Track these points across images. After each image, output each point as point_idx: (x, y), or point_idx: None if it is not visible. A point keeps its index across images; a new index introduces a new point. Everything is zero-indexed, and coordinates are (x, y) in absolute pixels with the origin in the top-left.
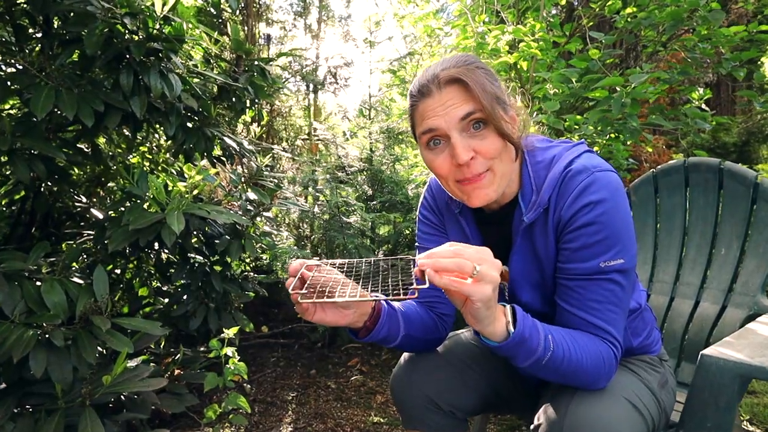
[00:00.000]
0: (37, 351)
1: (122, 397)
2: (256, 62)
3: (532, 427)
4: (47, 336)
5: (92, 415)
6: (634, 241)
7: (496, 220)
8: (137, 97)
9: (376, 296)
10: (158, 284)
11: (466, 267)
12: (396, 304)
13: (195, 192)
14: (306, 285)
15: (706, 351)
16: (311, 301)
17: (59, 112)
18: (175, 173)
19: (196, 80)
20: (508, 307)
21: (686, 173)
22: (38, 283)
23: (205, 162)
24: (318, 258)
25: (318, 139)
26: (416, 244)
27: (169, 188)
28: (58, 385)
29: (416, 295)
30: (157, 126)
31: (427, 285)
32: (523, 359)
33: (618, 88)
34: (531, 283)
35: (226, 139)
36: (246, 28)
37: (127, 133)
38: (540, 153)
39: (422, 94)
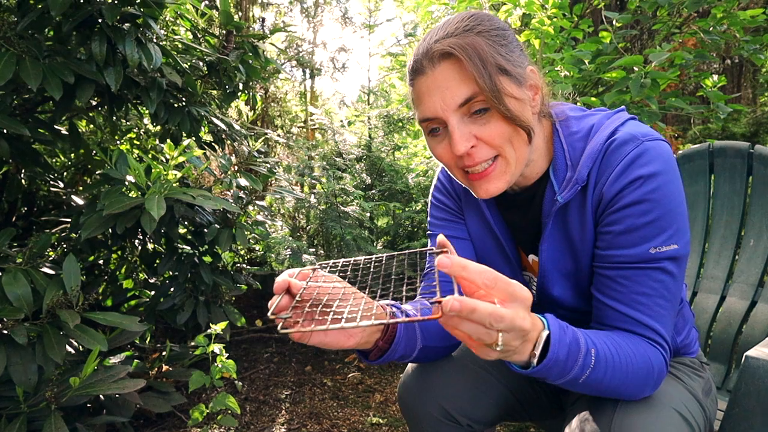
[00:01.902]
0: None
1: (101, 397)
2: (247, 39)
3: None
4: (8, 333)
5: (58, 420)
6: (687, 222)
7: (521, 201)
8: (112, 69)
9: (383, 321)
10: (145, 276)
11: (485, 339)
12: (411, 309)
13: (179, 174)
14: (295, 300)
15: (751, 352)
16: (294, 331)
17: (30, 88)
18: (165, 161)
19: (182, 56)
20: (544, 332)
21: (711, 158)
22: (0, 274)
23: (189, 143)
24: (314, 251)
25: (314, 126)
26: (428, 231)
27: (153, 172)
28: (20, 387)
29: (440, 314)
30: (138, 103)
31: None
32: (555, 378)
33: (636, 69)
34: (563, 273)
35: (214, 119)
36: (240, 12)
37: (113, 117)
38: (575, 122)
39: (416, 71)
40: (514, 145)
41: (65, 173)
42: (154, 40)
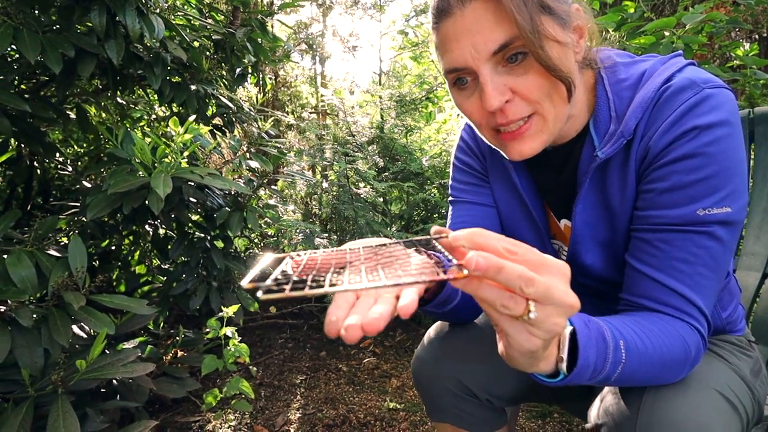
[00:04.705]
0: (1, 332)
1: (114, 382)
2: (255, 15)
3: (587, 426)
4: (13, 315)
5: (65, 404)
6: (746, 184)
7: (556, 159)
8: (113, 41)
9: (379, 284)
10: (158, 262)
11: (512, 308)
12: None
13: (186, 153)
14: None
15: None
16: (277, 296)
17: (31, 65)
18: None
19: (187, 33)
20: (567, 329)
21: (751, 126)
22: (4, 256)
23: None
24: (327, 235)
25: (325, 107)
26: (449, 197)
27: (159, 149)
28: (26, 370)
29: (464, 275)
30: (143, 83)
31: (463, 273)
32: (585, 380)
33: (666, 33)
34: (597, 239)
35: (222, 98)
36: None
37: (121, 101)
38: (623, 69)
39: (441, 12)
40: (554, 101)
41: (79, 162)
42: (157, 11)
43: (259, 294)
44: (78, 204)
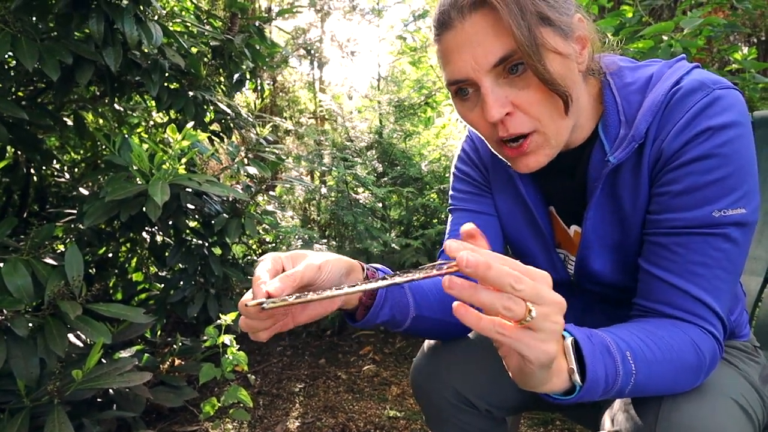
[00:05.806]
0: None
1: (111, 392)
2: (252, 21)
3: None
4: (8, 324)
5: (61, 414)
6: (758, 185)
7: (561, 167)
8: (111, 48)
9: (384, 283)
10: (155, 270)
11: (513, 309)
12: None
13: (184, 160)
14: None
15: None
16: (281, 305)
17: (29, 72)
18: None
19: (185, 40)
20: (568, 339)
21: (751, 129)
22: (0, 264)
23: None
24: (326, 242)
25: (323, 113)
26: (450, 205)
27: (156, 156)
28: (21, 380)
29: (455, 268)
30: (141, 89)
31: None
32: (599, 394)
33: (665, 37)
34: (607, 245)
35: (220, 105)
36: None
37: (119, 107)
38: (629, 73)
39: (442, 25)
40: (554, 115)
41: (76, 169)
42: (155, 18)
43: (265, 305)
44: (75, 211)
